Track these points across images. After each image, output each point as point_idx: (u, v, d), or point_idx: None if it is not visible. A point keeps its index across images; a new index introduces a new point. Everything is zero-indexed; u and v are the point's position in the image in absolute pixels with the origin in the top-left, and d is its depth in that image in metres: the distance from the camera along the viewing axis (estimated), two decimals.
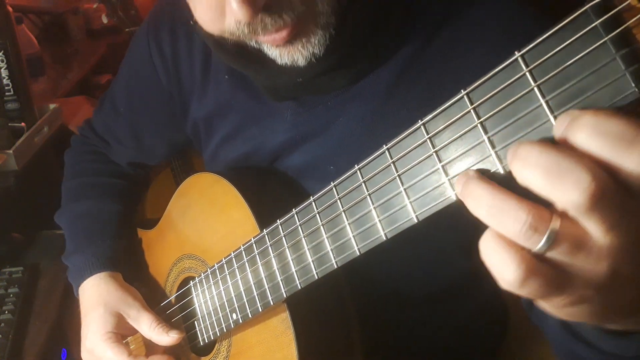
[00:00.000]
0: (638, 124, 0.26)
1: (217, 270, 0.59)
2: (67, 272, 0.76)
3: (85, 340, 0.69)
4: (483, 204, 0.29)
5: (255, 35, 0.46)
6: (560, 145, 0.28)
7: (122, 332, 0.68)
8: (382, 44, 0.52)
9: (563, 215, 0.28)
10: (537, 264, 0.28)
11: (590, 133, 0.26)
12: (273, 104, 0.60)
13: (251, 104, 0.63)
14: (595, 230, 0.27)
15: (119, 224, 0.78)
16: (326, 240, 0.44)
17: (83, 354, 0.70)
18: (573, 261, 0.28)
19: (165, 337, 0.65)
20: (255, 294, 0.53)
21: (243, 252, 0.54)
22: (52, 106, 1.25)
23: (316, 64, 0.49)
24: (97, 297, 0.70)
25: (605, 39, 0.27)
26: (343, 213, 0.42)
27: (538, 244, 0.28)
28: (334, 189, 0.43)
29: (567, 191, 0.26)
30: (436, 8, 0.52)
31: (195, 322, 0.64)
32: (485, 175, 0.31)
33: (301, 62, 0.48)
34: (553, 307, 0.31)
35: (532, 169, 0.27)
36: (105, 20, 1.58)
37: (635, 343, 0.36)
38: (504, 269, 0.28)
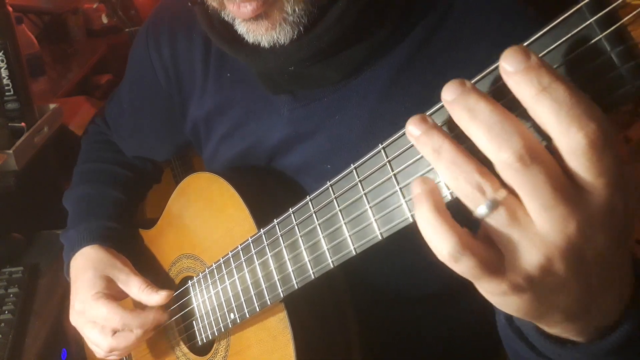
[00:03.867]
0: (588, 103, 0.26)
1: (214, 270, 0.58)
2: (63, 250, 0.77)
3: (75, 302, 0.68)
4: (444, 158, 0.30)
5: (222, 2, 0.48)
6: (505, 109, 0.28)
7: (112, 294, 0.68)
8: (378, 41, 0.52)
9: (512, 192, 0.29)
10: (471, 241, 0.30)
11: (540, 92, 0.27)
12: (270, 100, 0.60)
13: (249, 100, 0.63)
14: (530, 207, 0.28)
15: (117, 209, 0.79)
16: (322, 240, 0.44)
17: (72, 318, 0.70)
18: (508, 236, 0.29)
19: (156, 297, 0.65)
20: (252, 293, 0.53)
21: (240, 251, 0.54)
22: (52, 106, 1.24)
23: (302, 49, 0.50)
24: (86, 262, 0.71)
25: (600, 36, 0.27)
26: (339, 212, 0.42)
27: (480, 206, 0.29)
28: (330, 188, 0.43)
29: (500, 150, 0.28)
30: (436, 8, 0.52)
31: (194, 321, 0.64)
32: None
33: (264, 44, 0.50)
34: (487, 292, 0.32)
35: (478, 124, 0.28)
36: (105, 20, 1.58)
37: (569, 353, 0.36)
38: (439, 242, 0.30)
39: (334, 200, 0.42)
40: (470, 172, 0.29)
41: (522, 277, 0.30)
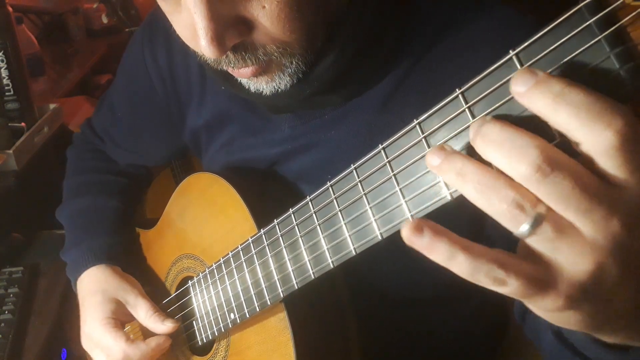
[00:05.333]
0: (608, 100, 0.26)
1: (215, 270, 0.59)
2: (66, 267, 0.76)
3: (85, 325, 0.69)
4: (470, 180, 0.29)
5: (219, 66, 0.48)
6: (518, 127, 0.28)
7: (120, 319, 0.68)
8: (378, 62, 0.53)
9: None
10: (512, 260, 0.28)
11: (554, 100, 0.26)
12: (270, 117, 0.61)
13: (248, 114, 0.63)
14: (568, 216, 0.27)
15: (117, 220, 0.79)
16: (322, 240, 0.44)
17: (82, 339, 0.70)
18: (556, 250, 0.28)
19: (161, 326, 0.66)
20: (252, 293, 0.53)
21: (240, 251, 0.54)
22: (52, 106, 1.25)
23: (303, 90, 0.51)
24: (95, 284, 0.71)
25: (600, 37, 0.27)
26: (339, 213, 0.42)
27: (522, 225, 0.28)
28: (330, 188, 0.43)
29: (517, 164, 0.27)
30: (433, 21, 0.52)
31: (194, 321, 0.64)
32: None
33: (266, 92, 0.51)
34: (541, 310, 0.30)
35: (490, 144, 0.28)
36: (105, 20, 1.58)
37: (633, 358, 0.34)
38: (477, 273, 0.29)
39: (334, 200, 0.42)
40: (502, 188, 0.28)
41: (576, 288, 0.28)
